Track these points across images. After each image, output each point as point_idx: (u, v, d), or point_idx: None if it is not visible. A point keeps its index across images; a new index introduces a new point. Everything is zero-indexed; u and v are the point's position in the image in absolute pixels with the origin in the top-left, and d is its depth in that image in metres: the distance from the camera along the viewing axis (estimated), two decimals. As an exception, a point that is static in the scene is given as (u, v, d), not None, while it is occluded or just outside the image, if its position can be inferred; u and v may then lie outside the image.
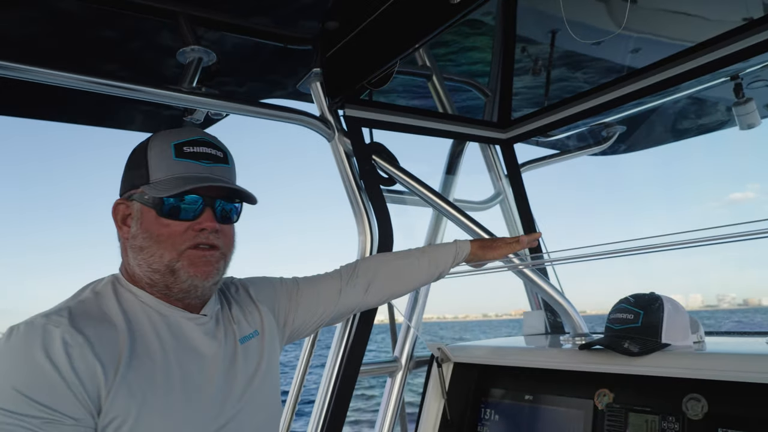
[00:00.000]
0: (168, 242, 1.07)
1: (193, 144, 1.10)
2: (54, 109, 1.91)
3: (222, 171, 1.13)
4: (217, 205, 1.12)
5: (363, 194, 1.98)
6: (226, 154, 1.16)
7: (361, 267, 1.54)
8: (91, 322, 0.99)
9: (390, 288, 1.57)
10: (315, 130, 1.97)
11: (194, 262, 1.08)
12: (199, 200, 1.09)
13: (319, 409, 1.86)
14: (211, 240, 1.09)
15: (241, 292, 1.33)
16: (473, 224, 1.91)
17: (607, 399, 1.54)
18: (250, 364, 1.19)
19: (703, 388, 1.36)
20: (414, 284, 1.62)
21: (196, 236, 1.08)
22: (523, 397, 1.77)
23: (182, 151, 1.09)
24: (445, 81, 2.37)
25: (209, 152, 1.11)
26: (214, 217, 1.10)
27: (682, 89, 2.16)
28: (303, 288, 1.43)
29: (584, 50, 2.28)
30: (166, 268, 1.07)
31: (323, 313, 1.44)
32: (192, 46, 1.72)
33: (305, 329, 1.44)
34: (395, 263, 1.59)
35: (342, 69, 1.92)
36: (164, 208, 1.07)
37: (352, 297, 1.49)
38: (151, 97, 1.66)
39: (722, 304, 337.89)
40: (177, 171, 1.08)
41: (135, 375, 0.99)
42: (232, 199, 1.15)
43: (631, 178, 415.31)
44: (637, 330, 1.45)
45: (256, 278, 1.41)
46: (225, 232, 1.13)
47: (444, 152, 2.45)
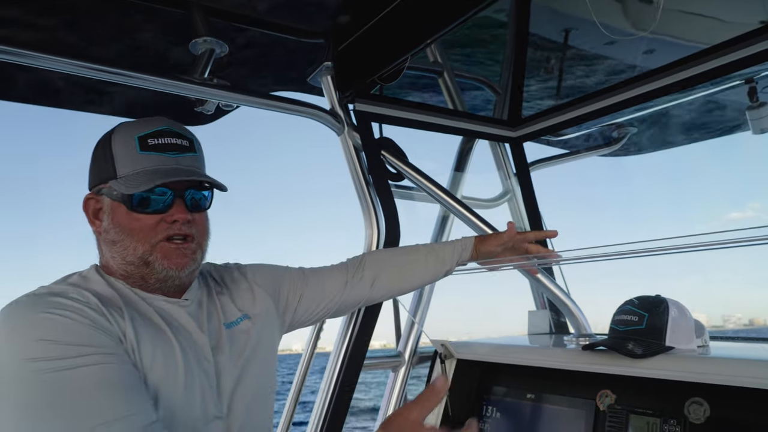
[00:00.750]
0: (140, 235, 1.08)
1: (157, 135, 1.10)
2: (63, 97, 1.92)
3: (190, 160, 1.12)
4: (187, 195, 1.12)
5: (371, 189, 1.98)
6: (192, 141, 1.15)
7: (367, 260, 1.54)
8: (90, 293, 1.02)
9: (396, 283, 1.57)
10: (325, 123, 1.97)
11: (168, 255, 1.09)
12: (169, 192, 1.09)
13: (322, 401, 1.88)
14: (183, 231, 1.10)
15: (236, 276, 1.33)
16: (480, 221, 1.90)
17: (609, 400, 1.54)
18: (237, 348, 1.19)
19: (705, 392, 1.35)
20: (420, 281, 1.62)
21: (168, 228, 1.09)
22: (525, 396, 1.77)
23: (146, 143, 1.08)
24: (456, 78, 2.36)
25: (174, 142, 1.11)
26: (186, 208, 1.10)
27: (696, 91, 2.14)
28: (308, 278, 1.43)
29: (597, 50, 2.26)
30: (140, 260, 1.08)
31: (327, 304, 1.45)
32: (204, 37, 1.72)
33: (308, 319, 1.45)
34: (402, 258, 1.59)
35: (353, 63, 1.92)
36: (133, 203, 1.08)
37: (357, 290, 1.49)
38: (163, 87, 1.66)
39: (728, 324, 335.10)
40: (143, 165, 1.07)
41: (143, 340, 1.01)
42: (202, 187, 1.14)
43: (641, 180, 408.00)
44: (641, 332, 1.45)
45: (260, 264, 1.41)
46: (197, 220, 1.14)
47: (453, 149, 2.45)
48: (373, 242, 1.96)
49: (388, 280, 1.55)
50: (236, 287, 1.30)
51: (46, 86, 1.83)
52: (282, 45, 1.95)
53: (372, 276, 1.52)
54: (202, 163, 1.17)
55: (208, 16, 1.73)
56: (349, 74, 1.94)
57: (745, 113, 2.24)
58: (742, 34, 1.67)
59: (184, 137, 1.14)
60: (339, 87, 1.98)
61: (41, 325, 0.90)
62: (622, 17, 2.04)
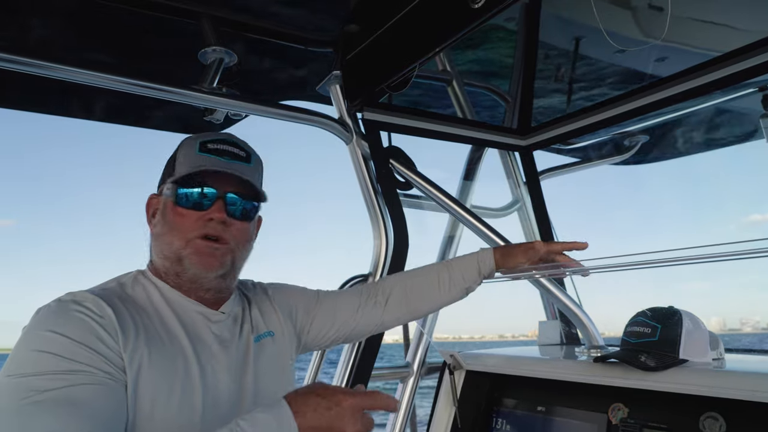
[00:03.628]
0: (179, 230, 1.10)
1: (218, 142, 1.15)
2: (76, 107, 1.94)
3: (241, 168, 1.14)
4: (230, 200, 1.13)
5: (379, 198, 1.97)
6: (250, 154, 1.18)
7: (381, 285, 1.50)
8: (113, 302, 1.03)
9: (409, 306, 1.49)
10: (333, 132, 1.97)
11: (199, 252, 1.10)
12: (213, 192, 1.11)
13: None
14: (218, 231, 1.10)
15: (259, 293, 1.34)
16: (490, 231, 1.89)
17: (621, 414, 1.51)
18: (263, 362, 1.19)
19: (721, 406, 1.32)
20: (438, 301, 1.50)
21: (204, 226, 1.10)
22: (535, 408, 1.74)
23: (206, 147, 1.13)
24: (465, 86, 2.35)
25: (231, 150, 1.15)
26: (225, 209, 1.11)
27: (708, 99, 2.12)
28: (322, 300, 1.42)
29: (608, 58, 2.25)
30: (175, 255, 1.10)
31: (339, 328, 1.42)
32: (214, 46, 1.73)
33: (320, 341, 1.42)
34: (414, 280, 1.51)
35: (361, 72, 1.92)
36: (179, 197, 1.11)
37: (370, 315, 1.45)
38: (172, 96, 1.67)
39: (745, 327, 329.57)
40: (197, 164, 1.11)
41: (152, 351, 1.01)
42: (248, 197, 1.15)
43: (653, 189, 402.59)
44: (654, 344, 1.42)
45: (278, 283, 1.42)
46: (237, 227, 1.14)
47: (462, 158, 2.44)
48: (381, 251, 1.95)
49: (401, 303, 1.47)
50: (263, 305, 1.32)
51: (56, 96, 1.84)
52: (291, 54, 1.96)
53: (384, 300, 1.47)
54: (255, 176, 1.18)
55: (218, 26, 1.74)
56: (358, 83, 1.94)
57: (759, 121, 2.21)
58: (754, 42, 1.65)
59: (242, 149, 1.17)
60: (347, 96, 1.98)
61: (40, 339, 0.93)
62: (632, 26, 2.03)
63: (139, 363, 0.98)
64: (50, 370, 0.88)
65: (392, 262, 1.92)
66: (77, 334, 0.93)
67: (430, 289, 1.49)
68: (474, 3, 1.43)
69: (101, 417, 0.89)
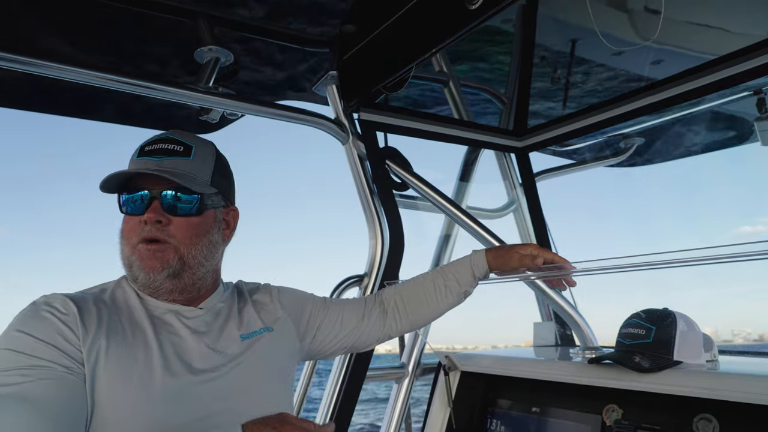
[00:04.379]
0: (126, 237, 1.12)
1: (155, 142, 1.14)
2: (70, 105, 1.93)
3: (175, 163, 1.12)
4: (166, 197, 1.11)
5: (375, 198, 1.97)
6: (191, 148, 1.15)
7: (379, 297, 1.50)
8: (83, 301, 1.06)
9: (409, 316, 1.49)
10: (329, 132, 1.97)
11: (141, 256, 1.10)
12: (146, 194, 1.11)
13: (325, 412, 1.86)
14: (153, 233, 1.10)
15: (263, 293, 1.34)
16: (485, 232, 1.89)
17: (615, 415, 1.51)
18: (249, 359, 1.17)
19: (715, 408, 1.32)
20: (436, 308, 1.50)
21: (142, 230, 1.10)
22: (530, 409, 1.74)
23: (143, 150, 1.13)
24: (461, 87, 2.35)
25: (165, 147, 1.13)
26: (161, 210, 1.10)
27: (704, 102, 2.12)
28: (330, 307, 1.42)
29: (604, 60, 2.25)
30: (127, 262, 1.12)
31: (344, 336, 1.42)
32: (210, 46, 1.73)
33: (325, 349, 1.42)
34: (410, 290, 1.51)
35: (358, 72, 1.92)
36: (122, 205, 1.13)
37: (373, 325, 1.46)
38: (168, 95, 1.67)
39: (736, 339, 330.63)
40: (131, 168, 1.12)
41: (111, 343, 1.03)
42: (188, 191, 1.12)
43: (649, 191, 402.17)
44: (649, 346, 1.42)
45: (287, 287, 1.41)
46: (178, 224, 1.12)
47: (458, 159, 2.44)
48: (377, 252, 1.94)
49: (401, 312, 1.48)
50: (262, 303, 1.31)
51: (50, 94, 1.83)
52: (287, 54, 1.96)
53: (384, 310, 1.47)
54: (201, 170, 1.15)
55: (214, 25, 1.73)
56: (354, 83, 1.94)
57: (754, 124, 2.22)
58: (750, 45, 1.65)
59: (180, 143, 1.14)
60: (344, 96, 1.98)
61: (8, 339, 0.97)
62: (628, 28, 2.03)
63: (96, 354, 1.00)
64: (11, 366, 0.92)
65: (388, 263, 1.92)
66: (40, 332, 0.97)
67: (427, 298, 1.49)
68: (471, 4, 1.43)
69: (57, 410, 0.91)
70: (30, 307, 1.03)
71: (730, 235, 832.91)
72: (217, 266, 1.24)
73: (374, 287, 1.93)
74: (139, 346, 1.05)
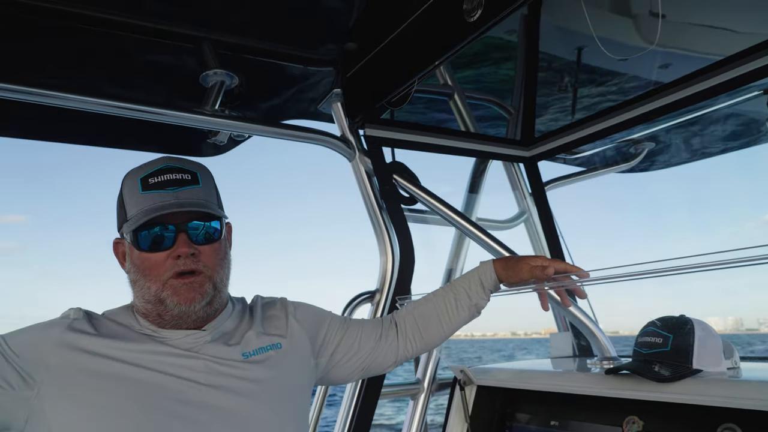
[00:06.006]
0: (152, 274, 1.11)
1: (158, 173, 1.13)
2: (79, 133, 1.96)
3: (190, 193, 1.12)
4: (191, 229, 1.12)
5: (384, 214, 1.97)
6: (196, 174, 1.15)
7: (393, 319, 1.48)
8: (77, 327, 1.10)
9: (423, 334, 1.45)
10: (336, 150, 1.97)
11: (177, 291, 1.10)
12: (171, 228, 1.10)
13: (340, 429, 1.84)
14: (189, 266, 1.10)
15: (277, 307, 1.32)
16: (496, 244, 1.87)
17: (636, 427, 1.48)
18: (254, 374, 1.15)
19: (738, 417, 1.29)
20: (450, 324, 1.46)
21: (174, 264, 1.10)
22: (548, 423, 1.71)
23: (147, 183, 1.12)
24: (467, 99, 2.35)
25: (174, 178, 1.12)
26: (189, 242, 1.11)
27: (713, 104, 2.10)
28: (349, 326, 1.40)
29: (610, 66, 2.24)
30: (155, 298, 1.11)
31: (361, 357, 1.39)
32: (215, 69, 1.75)
33: (341, 370, 1.38)
34: (422, 309, 1.48)
35: (362, 89, 1.93)
36: (140, 243, 1.11)
37: (388, 346, 1.43)
38: (176, 120, 1.69)
39: (762, 327, 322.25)
40: (145, 204, 1.10)
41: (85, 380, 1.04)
42: (207, 218, 1.14)
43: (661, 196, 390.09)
44: (667, 354, 1.39)
45: (306, 303, 1.39)
46: (206, 253, 1.13)
47: (466, 171, 2.43)
48: (387, 268, 1.93)
49: (414, 335, 1.44)
50: (272, 317, 1.29)
51: (59, 123, 1.86)
52: (291, 74, 1.97)
53: (399, 331, 1.45)
54: (211, 194, 1.17)
55: (218, 50, 1.76)
56: (359, 100, 1.95)
57: (766, 123, 2.18)
58: (757, 44, 1.63)
59: (185, 171, 1.14)
60: (349, 113, 1.99)
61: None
62: (632, 33, 2.02)
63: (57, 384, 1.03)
64: None
65: (399, 278, 1.91)
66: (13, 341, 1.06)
67: (439, 316, 1.45)
68: (470, 17, 1.43)
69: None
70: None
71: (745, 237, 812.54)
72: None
73: (386, 303, 1.92)
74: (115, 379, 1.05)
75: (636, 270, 1.37)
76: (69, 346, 1.05)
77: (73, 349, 1.05)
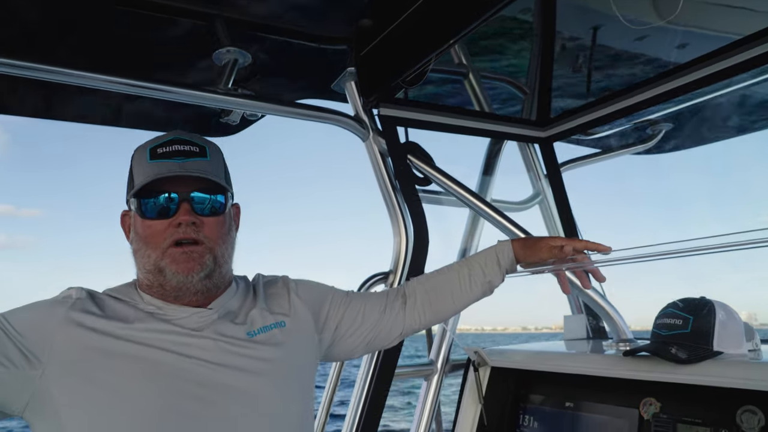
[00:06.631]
0: (152, 242, 1.11)
1: (167, 144, 1.13)
2: (89, 112, 1.95)
3: (197, 165, 1.12)
4: (197, 199, 1.12)
5: (398, 194, 1.95)
6: (204, 148, 1.15)
7: (401, 290, 1.46)
8: (81, 302, 1.09)
9: (432, 308, 1.44)
10: (349, 129, 1.95)
11: (176, 260, 1.10)
12: (175, 196, 1.10)
13: (354, 409, 1.84)
14: (189, 234, 1.10)
15: (279, 285, 1.32)
16: (511, 225, 1.85)
17: (653, 409, 1.47)
18: (260, 353, 1.14)
19: (759, 399, 1.27)
20: (461, 299, 1.45)
21: (174, 232, 1.09)
22: (563, 404, 1.71)
23: (156, 153, 1.12)
24: (481, 79, 2.32)
25: (182, 149, 1.12)
26: (192, 211, 1.11)
27: (733, 83, 2.05)
28: (352, 299, 1.40)
29: (627, 46, 2.20)
30: (154, 267, 1.11)
31: (365, 331, 1.38)
32: (228, 47, 1.73)
33: (346, 345, 1.38)
34: (434, 281, 1.46)
35: (376, 67, 1.90)
36: (144, 210, 1.11)
37: (393, 318, 1.41)
38: (187, 98, 1.67)
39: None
40: (152, 172, 1.10)
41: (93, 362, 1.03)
42: (212, 191, 1.13)
43: (679, 178, 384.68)
44: (686, 336, 1.38)
45: (308, 280, 1.39)
46: (209, 224, 1.13)
47: (480, 153, 2.40)
48: (401, 249, 1.92)
49: (423, 304, 1.43)
50: (275, 296, 1.29)
51: (70, 101, 1.85)
52: (304, 52, 1.95)
53: (405, 304, 1.42)
54: (218, 169, 1.16)
55: (231, 27, 1.73)
56: (373, 79, 1.92)
57: (788, 104, 2.14)
58: (778, 22, 1.59)
59: (194, 144, 1.14)
60: (363, 92, 1.96)
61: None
62: (650, 11, 1.97)
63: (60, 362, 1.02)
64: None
65: (413, 259, 1.90)
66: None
67: (451, 289, 1.44)
68: (488, -8, 1.40)
69: None
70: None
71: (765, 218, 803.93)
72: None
73: (399, 284, 1.91)
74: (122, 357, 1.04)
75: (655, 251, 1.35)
76: (74, 325, 1.04)
77: (79, 327, 1.04)
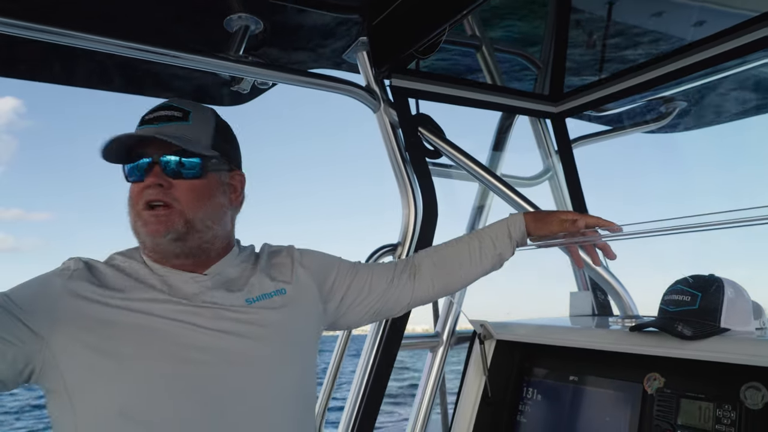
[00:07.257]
0: (131, 205, 1.14)
1: (155, 110, 1.15)
2: (95, 76, 1.93)
3: (175, 128, 1.12)
4: (165, 162, 1.12)
5: (408, 167, 1.94)
6: (188, 113, 1.15)
7: (410, 260, 1.46)
8: (78, 269, 1.11)
9: (441, 278, 1.44)
10: (360, 100, 1.94)
11: (146, 221, 1.11)
12: (146, 160, 1.12)
13: (359, 380, 1.87)
14: (155, 196, 1.11)
15: (283, 254, 1.32)
16: (521, 199, 1.85)
17: (657, 383, 1.48)
18: (253, 322, 1.15)
19: (764, 376, 1.28)
20: (471, 272, 1.45)
21: (145, 194, 1.11)
22: (567, 378, 1.72)
23: (143, 119, 1.15)
24: (494, 52, 2.29)
25: (165, 114, 1.14)
26: (161, 173, 1.12)
27: (750, 61, 2.02)
28: (359, 270, 1.40)
29: (643, 23, 2.16)
30: (134, 229, 1.14)
31: (373, 301, 1.39)
32: (239, 13, 1.70)
33: (353, 315, 1.39)
34: (443, 252, 1.46)
35: (389, 37, 1.87)
36: (126, 174, 1.14)
37: (401, 289, 1.42)
38: (198, 64, 1.66)
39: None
40: (129, 133, 1.12)
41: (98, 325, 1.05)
42: (189, 154, 1.13)
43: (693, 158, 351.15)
44: (694, 313, 1.38)
45: (314, 250, 1.39)
46: (180, 187, 1.13)
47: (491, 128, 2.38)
48: (410, 221, 1.92)
49: (432, 276, 1.43)
50: (278, 264, 1.29)
51: (78, 66, 1.83)
52: (317, 21, 1.92)
53: (414, 274, 1.42)
54: (201, 133, 1.16)
55: (243, -8, 1.70)
56: (385, 49, 1.90)
57: (806, 83, 2.11)
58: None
59: (179, 109, 1.15)
60: (375, 63, 1.94)
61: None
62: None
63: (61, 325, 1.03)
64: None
65: (422, 231, 1.90)
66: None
67: (461, 260, 1.44)
68: (507, -40, 1.37)
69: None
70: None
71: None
72: (229, 231, 1.23)
73: (408, 256, 1.92)
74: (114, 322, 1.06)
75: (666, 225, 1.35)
76: (73, 295, 1.06)
77: (78, 298, 1.05)
